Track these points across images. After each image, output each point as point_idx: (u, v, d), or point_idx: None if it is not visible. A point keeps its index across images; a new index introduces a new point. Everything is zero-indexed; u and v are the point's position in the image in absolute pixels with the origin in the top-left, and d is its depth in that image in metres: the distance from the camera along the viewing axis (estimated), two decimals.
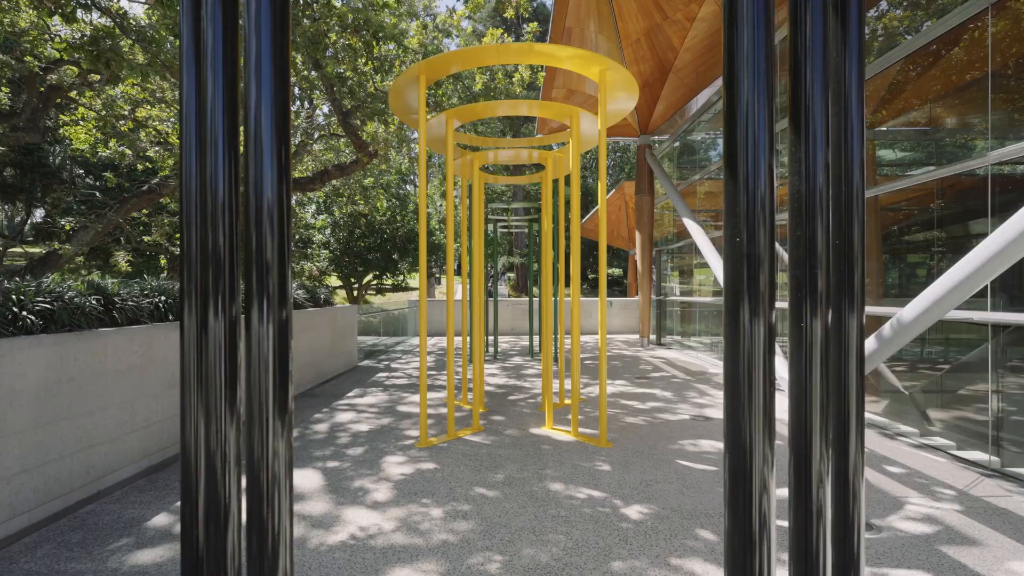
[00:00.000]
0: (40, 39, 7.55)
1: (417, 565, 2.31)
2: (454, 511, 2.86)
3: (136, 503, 3.03)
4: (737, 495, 0.86)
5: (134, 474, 3.49)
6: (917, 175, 4.45)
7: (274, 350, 0.78)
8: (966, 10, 3.80)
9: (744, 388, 0.79)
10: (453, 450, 3.97)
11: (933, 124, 4.39)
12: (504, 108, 4.53)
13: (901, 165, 4.87)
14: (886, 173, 4.96)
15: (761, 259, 0.72)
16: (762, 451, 0.82)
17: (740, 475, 0.85)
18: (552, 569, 2.27)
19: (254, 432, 0.84)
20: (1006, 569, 2.24)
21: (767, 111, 0.82)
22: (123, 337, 3.47)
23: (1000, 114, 3.61)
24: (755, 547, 0.90)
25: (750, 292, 0.73)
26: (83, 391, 3.13)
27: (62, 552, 2.46)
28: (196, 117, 1.04)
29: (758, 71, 0.85)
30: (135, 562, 2.36)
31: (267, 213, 0.81)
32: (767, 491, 0.88)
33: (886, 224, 4.94)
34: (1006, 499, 2.97)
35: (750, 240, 0.73)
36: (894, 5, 4.87)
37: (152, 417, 3.72)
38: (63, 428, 2.99)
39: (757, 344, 0.75)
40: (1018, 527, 2.62)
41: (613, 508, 2.89)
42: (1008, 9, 3.51)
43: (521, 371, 7.92)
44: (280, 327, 0.77)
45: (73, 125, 10.20)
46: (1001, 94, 3.58)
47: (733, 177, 0.76)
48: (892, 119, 4.85)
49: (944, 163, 4.16)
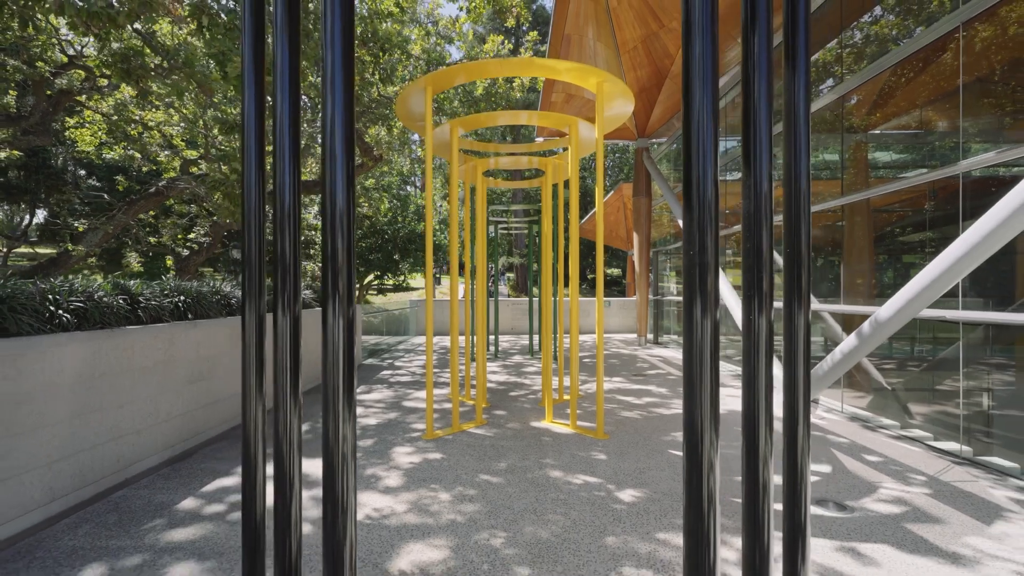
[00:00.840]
0: (48, 43, 7.76)
1: (428, 540, 2.54)
2: (461, 495, 3.09)
3: (163, 489, 3.25)
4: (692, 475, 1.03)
5: (158, 463, 3.71)
6: (910, 176, 4.68)
7: (344, 343, 0.99)
8: (937, 29, 4.04)
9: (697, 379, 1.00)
10: (458, 441, 4.20)
11: (913, 133, 4.62)
12: (506, 118, 4.76)
13: (893, 167, 5.10)
14: (882, 175, 5.19)
15: (708, 266, 0.94)
16: (709, 435, 1.01)
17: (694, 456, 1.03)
18: (551, 544, 2.49)
19: (328, 417, 1.04)
20: (962, 543, 2.47)
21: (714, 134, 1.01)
22: (148, 335, 3.69)
23: (970, 125, 3.83)
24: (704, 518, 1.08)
25: (701, 295, 0.95)
26: (113, 386, 3.35)
27: (101, 531, 2.68)
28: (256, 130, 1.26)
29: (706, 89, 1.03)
30: (170, 539, 2.58)
31: (338, 219, 1.01)
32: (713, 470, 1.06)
33: (878, 227, 5.17)
34: (972, 484, 3.20)
35: (701, 251, 0.95)
36: (863, 30, 5.10)
37: (173, 411, 3.94)
38: (96, 420, 3.21)
39: (706, 341, 0.97)
40: (979, 508, 2.85)
41: (608, 492, 3.12)
42: (976, 30, 3.74)
43: (521, 369, 8.15)
44: (348, 323, 0.98)
45: (79, 128, 10.41)
46: (970, 111, 3.81)
47: (689, 202, 0.98)
48: (879, 126, 5.08)
49: (925, 168, 4.39)
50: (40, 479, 2.81)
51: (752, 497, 1.22)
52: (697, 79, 1.00)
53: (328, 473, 1.08)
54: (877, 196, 4.88)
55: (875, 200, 4.97)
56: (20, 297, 2.94)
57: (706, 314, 0.94)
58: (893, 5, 4.81)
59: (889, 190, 4.73)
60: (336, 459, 1.06)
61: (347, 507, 1.11)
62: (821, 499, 2.97)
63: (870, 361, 4.97)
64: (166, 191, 9.81)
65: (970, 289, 3.78)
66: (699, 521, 1.01)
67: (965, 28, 3.82)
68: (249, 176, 1.29)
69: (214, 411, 4.48)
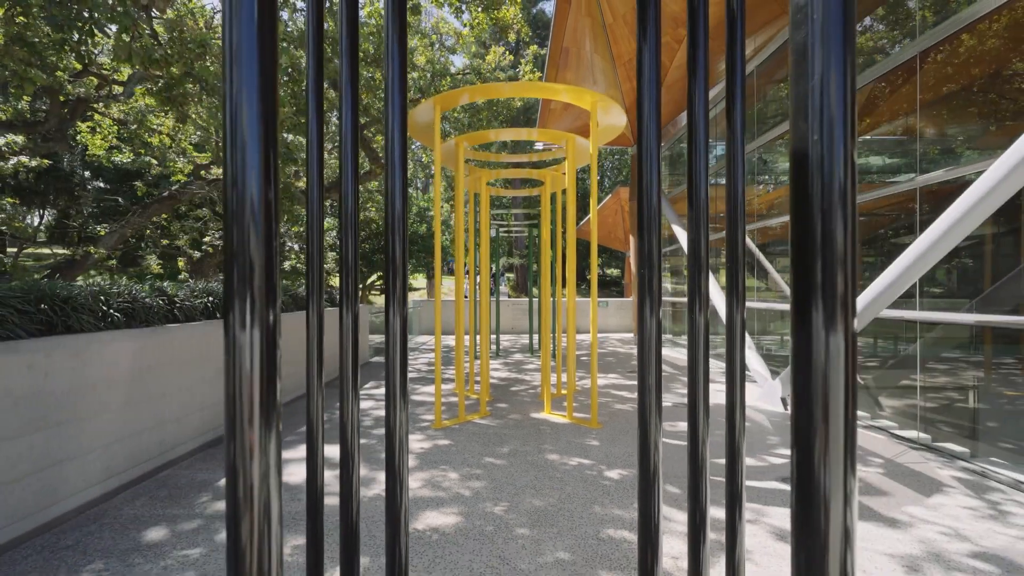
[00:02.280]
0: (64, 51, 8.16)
1: (441, 510, 2.93)
2: (468, 474, 3.49)
3: (203, 469, 3.65)
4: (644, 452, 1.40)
5: (194, 448, 4.10)
6: (900, 183, 5.08)
7: (400, 335, 1.37)
8: (898, 57, 4.43)
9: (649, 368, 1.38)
10: (464, 430, 4.59)
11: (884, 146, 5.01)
12: (508, 134, 5.16)
13: (883, 173, 5.49)
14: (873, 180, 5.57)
15: (653, 264, 1.33)
16: (654, 419, 1.39)
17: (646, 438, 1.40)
18: (548, 512, 2.89)
19: (389, 405, 1.41)
20: (902, 511, 2.86)
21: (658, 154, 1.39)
22: (185, 332, 4.09)
23: (925, 145, 4.23)
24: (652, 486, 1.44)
25: (649, 296, 1.34)
26: (157, 377, 3.75)
27: (156, 503, 3.08)
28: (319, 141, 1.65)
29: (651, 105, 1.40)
30: (217, 509, 2.98)
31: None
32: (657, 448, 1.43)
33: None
34: (922, 465, 3.59)
35: (650, 270, 1.33)
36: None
37: (207, 401, 4.33)
38: (143, 408, 3.61)
39: (651, 335, 1.35)
40: (922, 483, 3.25)
41: (599, 472, 3.52)
42: (932, 59, 4.14)
43: (522, 366, 8.55)
44: (403, 320, 1.36)
45: (89, 133, 10.79)
46: (928, 130, 4.21)
47: (640, 230, 1.36)
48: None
49: (884, 184, 4.78)
50: (100, 458, 3.21)
51: (694, 470, 1.58)
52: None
53: (388, 453, 1.45)
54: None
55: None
56: (79, 298, 3.33)
57: (653, 313, 1.33)
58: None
59: (861, 200, 5.12)
60: (395, 441, 1.43)
61: (403, 480, 1.48)
62: (785, 477, 3.37)
63: None
64: (179, 195, 10.21)
65: (928, 292, 4.18)
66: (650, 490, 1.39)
67: (921, 61, 4.22)
68: (312, 192, 1.67)
69: None
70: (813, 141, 0.67)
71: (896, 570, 2.28)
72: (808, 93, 0.67)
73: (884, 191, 4.76)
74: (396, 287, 1.34)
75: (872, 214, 5.08)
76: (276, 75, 0.78)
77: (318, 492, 1.77)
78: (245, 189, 0.73)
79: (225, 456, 0.82)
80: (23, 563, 2.39)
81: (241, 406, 0.73)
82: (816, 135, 0.67)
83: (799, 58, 0.69)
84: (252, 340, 0.73)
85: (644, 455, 1.33)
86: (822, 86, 0.66)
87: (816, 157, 0.67)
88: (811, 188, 0.68)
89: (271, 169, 0.76)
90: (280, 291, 0.93)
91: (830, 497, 0.67)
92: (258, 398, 0.74)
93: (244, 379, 0.73)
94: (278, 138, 0.78)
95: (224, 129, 0.75)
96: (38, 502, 2.75)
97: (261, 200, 0.74)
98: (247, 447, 0.73)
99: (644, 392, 1.34)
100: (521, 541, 2.56)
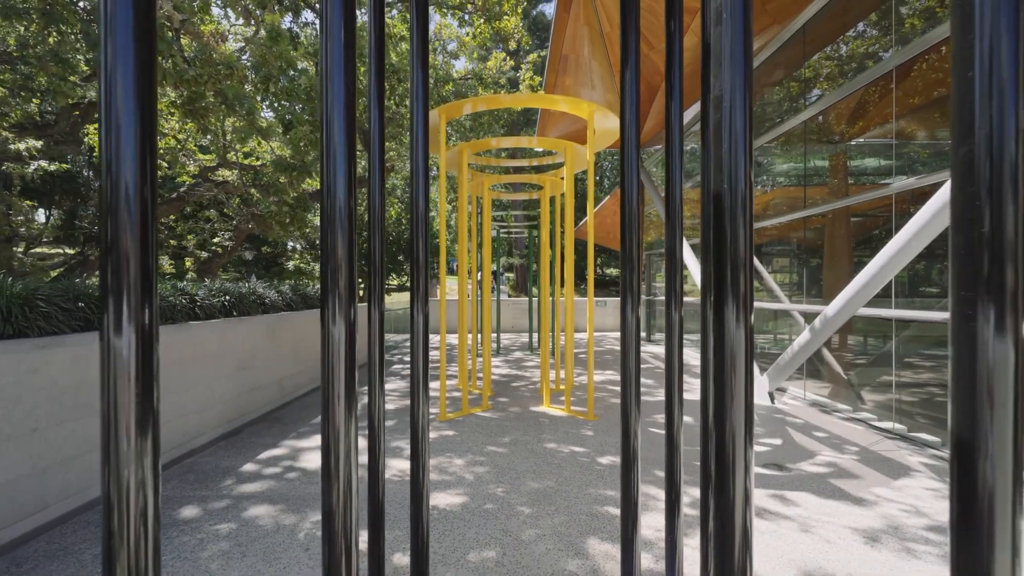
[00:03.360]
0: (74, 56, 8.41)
1: (448, 491, 3.20)
2: (472, 460, 3.76)
3: (225, 456, 3.92)
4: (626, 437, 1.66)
5: (214, 438, 4.37)
6: (897, 181, 5.34)
7: (422, 335, 1.64)
8: (874, 72, 4.70)
9: (631, 359, 1.64)
10: (468, 422, 4.86)
11: (861, 156, 5.28)
12: (510, 142, 5.43)
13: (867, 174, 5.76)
14: (865, 183, 5.84)
15: (634, 263, 1.59)
16: (634, 409, 1.65)
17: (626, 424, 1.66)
18: (546, 493, 3.16)
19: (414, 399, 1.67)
20: (869, 492, 3.13)
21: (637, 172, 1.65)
22: (206, 329, 4.35)
23: (900, 156, 4.50)
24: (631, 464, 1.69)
25: (631, 293, 1.60)
26: (182, 372, 4.01)
27: (186, 485, 3.34)
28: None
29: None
30: (242, 491, 3.25)
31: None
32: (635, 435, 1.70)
33: (831, 236, 5.83)
34: (894, 452, 3.87)
35: (631, 273, 1.60)
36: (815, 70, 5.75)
37: (226, 395, 4.60)
38: (169, 400, 3.87)
39: (631, 330, 1.61)
40: (892, 468, 3.52)
41: (592, 459, 3.79)
42: (908, 77, 4.40)
43: (522, 363, 8.81)
44: (425, 318, 1.63)
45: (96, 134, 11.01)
46: (901, 142, 4.48)
47: (624, 240, 1.63)
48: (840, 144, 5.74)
49: (864, 189, 5.05)
50: None
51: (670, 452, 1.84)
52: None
53: (413, 439, 1.71)
54: (826, 211, 5.55)
55: (823, 215, 5.64)
56: None
57: (633, 311, 1.60)
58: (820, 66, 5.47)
59: (839, 205, 5.39)
60: (418, 431, 1.70)
61: (425, 465, 1.74)
62: (767, 463, 3.64)
63: (832, 355, 5.64)
64: (187, 196, 10.46)
65: (900, 291, 4.45)
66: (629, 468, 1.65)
67: (897, 83, 4.48)
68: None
69: (254, 396, 5.14)
70: (721, 152, 0.92)
71: (857, 540, 2.55)
72: (714, 102, 0.92)
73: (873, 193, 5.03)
74: (419, 287, 1.60)
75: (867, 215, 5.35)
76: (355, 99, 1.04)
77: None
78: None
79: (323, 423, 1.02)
80: (73, 535, 2.66)
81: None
82: (725, 145, 0.91)
83: (710, 62, 0.93)
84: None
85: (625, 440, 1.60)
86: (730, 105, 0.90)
87: (721, 171, 0.92)
88: (722, 200, 0.93)
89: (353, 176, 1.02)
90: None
91: (734, 468, 0.93)
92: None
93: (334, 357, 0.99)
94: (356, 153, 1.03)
95: (321, 144, 0.93)
96: (81, 482, 3.02)
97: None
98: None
99: (626, 384, 1.61)
100: (522, 517, 2.83)
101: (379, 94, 1.76)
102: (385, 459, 1.90)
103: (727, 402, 0.86)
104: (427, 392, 1.66)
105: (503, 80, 10.84)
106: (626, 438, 1.59)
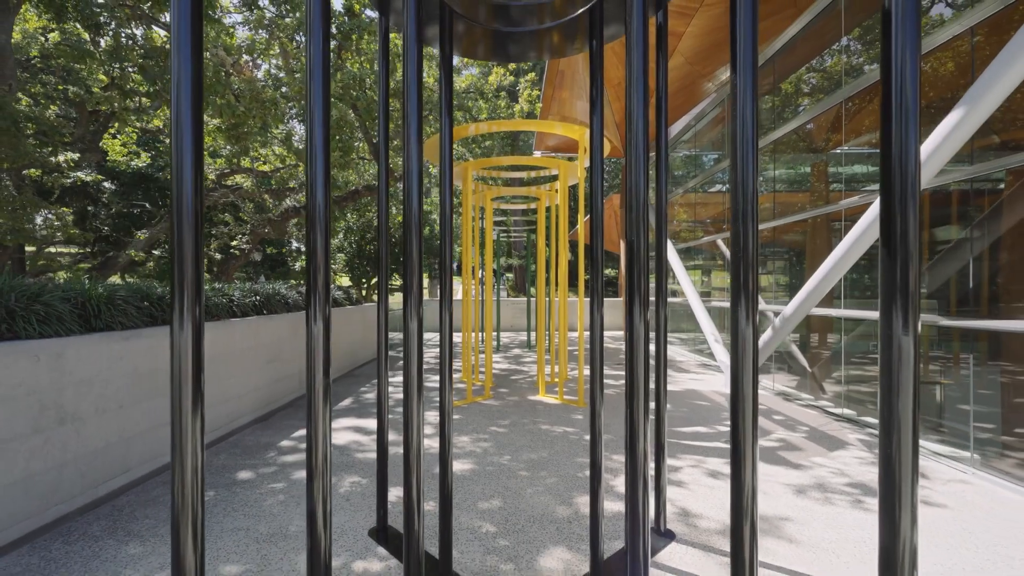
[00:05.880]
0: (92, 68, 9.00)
1: (459, 461, 3.83)
2: (477, 438, 4.39)
3: (264, 434, 4.53)
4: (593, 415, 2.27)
5: (250, 421, 4.99)
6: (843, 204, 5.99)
7: (447, 326, 2.26)
8: (831, 100, 5.35)
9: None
10: (472, 409, 5.49)
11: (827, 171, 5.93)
12: (511, 160, 6.06)
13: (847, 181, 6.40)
14: (849, 191, 6.48)
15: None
16: (599, 394, 2.28)
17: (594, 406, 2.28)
18: (541, 461, 3.79)
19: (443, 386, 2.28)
20: (807, 460, 3.78)
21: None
22: (243, 325, 4.97)
23: (850, 174, 5.15)
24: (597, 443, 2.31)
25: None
26: (224, 363, 4.63)
27: (235, 457, 3.96)
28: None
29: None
30: (284, 460, 3.87)
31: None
32: (599, 415, 2.33)
33: (793, 244, 6.48)
34: (837, 431, 4.52)
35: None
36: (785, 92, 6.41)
37: (259, 384, 5.22)
38: (214, 387, 4.49)
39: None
40: (832, 442, 4.17)
41: (580, 436, 4.42)
42: (856, 103, 5.05)
43: (520, 359, 9.45)
44: (438, 313, 2.25)
45: (110, 138, 11.61)
46: (851, 161, 5.13)
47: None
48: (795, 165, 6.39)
49: (819, 206, 5.70)
50: None
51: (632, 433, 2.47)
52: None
53: (442, 420, 2.32)
54: (791, 222, 6.21)
55: (789, 225, 6.30)
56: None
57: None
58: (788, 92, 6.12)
59: (799, 218, 6.05)
60: (444, 413, 2.31)
61: (451, 441, 2.35)
62: (727, 441, 4.28)
63: (798, 350, 6.29)
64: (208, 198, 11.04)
65: (846, 294, 5.10)
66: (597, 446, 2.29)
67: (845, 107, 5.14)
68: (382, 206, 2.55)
69: (282, 386, 5.76)
70: (639, 167, 1.55)
71: (787, 491, 3.19)
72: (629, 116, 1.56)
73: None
74: (446, 288, 2.22)
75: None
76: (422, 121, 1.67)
77: (384, 445, 2.66)
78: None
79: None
80: (155, 490, 3.28)
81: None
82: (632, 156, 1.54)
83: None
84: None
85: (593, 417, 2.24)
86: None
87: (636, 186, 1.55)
88: (632, 211, 1.56)
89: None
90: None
91: (637, 423, 1.56)
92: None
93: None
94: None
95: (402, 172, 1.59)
96: (154, 451, 3.64)
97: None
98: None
99: (594, 372, 2.24)
100: (520, 478, 3.46)
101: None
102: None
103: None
104: (450, 383, 2.27)
105: (503, 95, 11.47)
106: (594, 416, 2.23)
